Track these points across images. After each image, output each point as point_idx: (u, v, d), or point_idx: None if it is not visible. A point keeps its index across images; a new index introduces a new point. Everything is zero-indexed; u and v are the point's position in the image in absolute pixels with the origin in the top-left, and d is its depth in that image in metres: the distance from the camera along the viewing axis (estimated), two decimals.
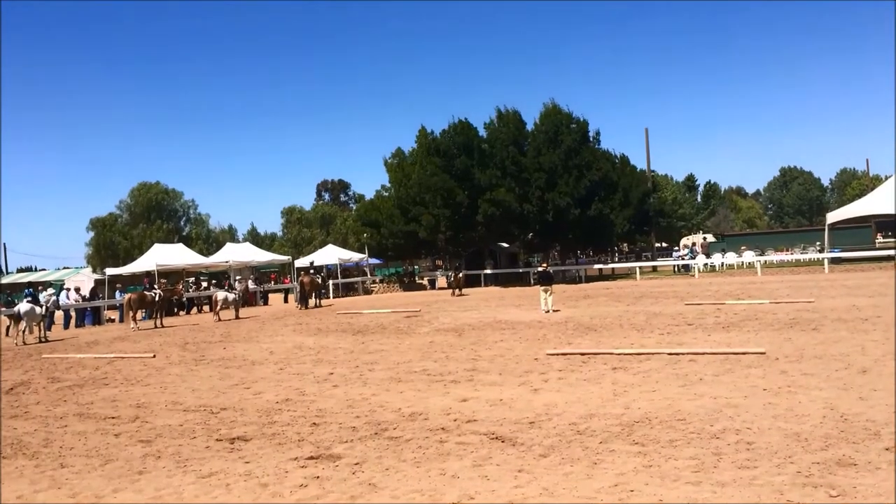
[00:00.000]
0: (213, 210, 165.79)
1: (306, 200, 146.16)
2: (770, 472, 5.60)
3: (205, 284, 39.28)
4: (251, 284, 36.67)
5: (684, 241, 64.31)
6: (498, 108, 42.57)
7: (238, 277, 36.35)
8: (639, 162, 53.42)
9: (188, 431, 8.25)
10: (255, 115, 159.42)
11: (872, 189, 50.77)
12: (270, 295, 40.10)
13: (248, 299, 34.09)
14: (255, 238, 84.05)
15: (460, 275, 35.35)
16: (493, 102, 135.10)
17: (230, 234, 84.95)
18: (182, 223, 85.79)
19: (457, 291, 34.35)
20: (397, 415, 8.48)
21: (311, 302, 31.41)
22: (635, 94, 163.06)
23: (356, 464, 6.52)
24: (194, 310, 34.54)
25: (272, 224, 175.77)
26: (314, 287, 31.88)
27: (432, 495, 5.55)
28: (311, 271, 33.85)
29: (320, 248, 54.49)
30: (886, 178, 56.98)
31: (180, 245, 46.70)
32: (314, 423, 8.26)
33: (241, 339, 18.92)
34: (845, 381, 8.84)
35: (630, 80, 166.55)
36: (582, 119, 41.97)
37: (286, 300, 39.51)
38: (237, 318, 26.47)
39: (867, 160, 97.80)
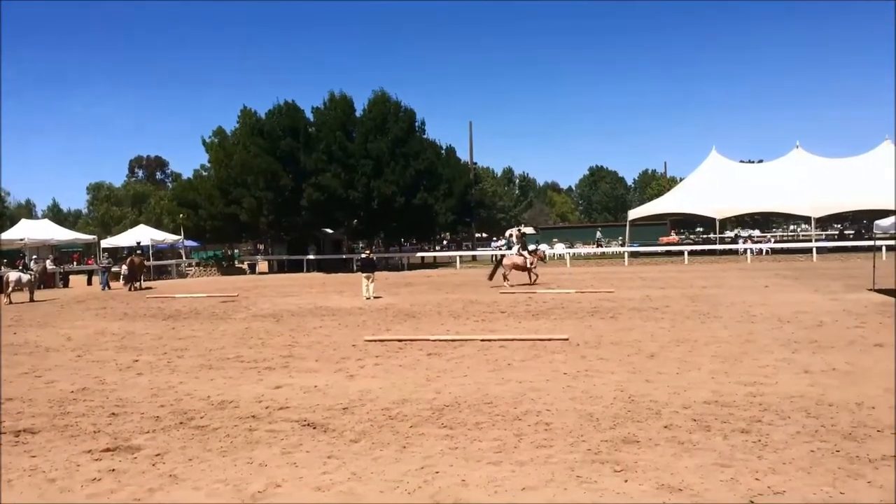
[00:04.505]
0: (12, 186, 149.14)
1: (117, 177, 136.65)
2: (564, 450, 6.01)
3: None
4: (49, 265, 33.71)
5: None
6: (331, 92, 42.15)
7: (35, 257, 33.41)
8: (462, 154, 54.88)
9: None
10: (60, 79, 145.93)
11: (669, 189, 55.70)
12: (72, 277, 37.07)
13: (45, 281, 31.40)
14: (57, 215, 77.34)
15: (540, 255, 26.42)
16: (321, 88, 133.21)
17: (27, 210, 77.40)
18: None
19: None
20: (206, 403, 8.17)
21: (136, 284, 29.89)
22: (461, 87, 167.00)
23: (157, 455, 6.21)
24: None
25: (77, 201, 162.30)
26: (141, 268, 30.45)
27: (237, 485, 5.41)
28: (139, 252, 32.46)
29: (131, 227, 51.20)
30: (681, 179, 62.75)
31: None
32: (113, 414, 7.76)
33: (34, 323, 17.37)
34: (635, 365, 9.65)
35: (456, 73, 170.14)
36: (409, 108, 42.51)
37: (90, 282, 36.70)
38: (32, 300, 24.36)
39: (665, 163, 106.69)
